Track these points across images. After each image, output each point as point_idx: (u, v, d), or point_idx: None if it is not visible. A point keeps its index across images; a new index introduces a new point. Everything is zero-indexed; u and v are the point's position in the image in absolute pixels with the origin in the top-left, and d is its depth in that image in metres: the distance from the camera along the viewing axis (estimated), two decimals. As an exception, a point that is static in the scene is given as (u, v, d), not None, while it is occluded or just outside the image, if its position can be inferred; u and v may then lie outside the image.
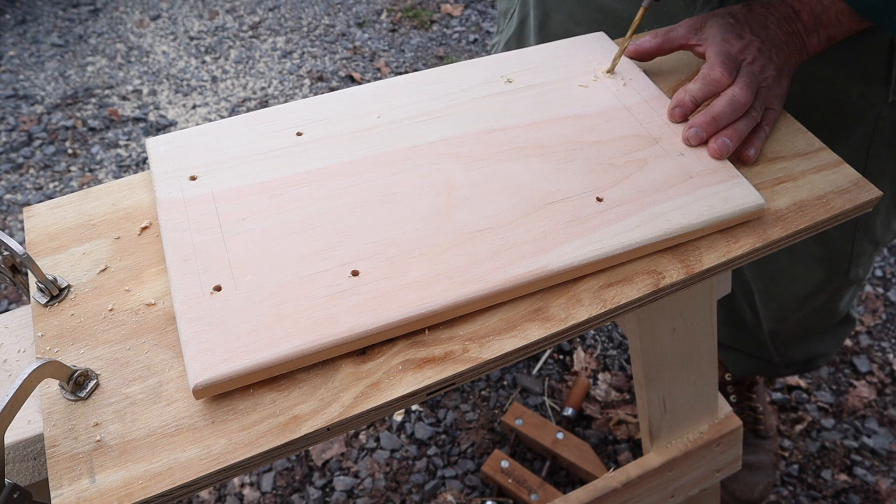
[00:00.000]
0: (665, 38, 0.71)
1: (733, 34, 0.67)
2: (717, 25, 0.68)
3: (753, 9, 0.69)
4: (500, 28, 1.12)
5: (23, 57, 2.36)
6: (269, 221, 0.57)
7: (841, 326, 1.14)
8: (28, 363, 0.49)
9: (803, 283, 0.99)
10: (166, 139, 0.64)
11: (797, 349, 1.14)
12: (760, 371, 1.23)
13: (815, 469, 1.35)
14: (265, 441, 0.47)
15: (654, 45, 0.71)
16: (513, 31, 1.05)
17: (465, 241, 0.56)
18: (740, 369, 1.25)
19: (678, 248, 0.59)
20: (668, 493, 0.93)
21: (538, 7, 0.96)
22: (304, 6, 2.64)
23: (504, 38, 1.09)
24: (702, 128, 0.64)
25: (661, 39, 0.71)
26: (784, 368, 1.19)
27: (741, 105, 0.64)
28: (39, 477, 0.53)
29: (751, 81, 0.65)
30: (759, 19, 0.68)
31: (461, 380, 0.52)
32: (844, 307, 1.07)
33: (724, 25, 0.68)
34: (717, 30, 0.68)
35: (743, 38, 0.67)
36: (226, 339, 0.49)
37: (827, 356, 1.18)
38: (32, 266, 0.52)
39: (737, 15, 0.69)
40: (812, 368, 1.20)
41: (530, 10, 0.99)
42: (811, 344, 1.15)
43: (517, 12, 1.04)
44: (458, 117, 0.67)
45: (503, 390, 1.46)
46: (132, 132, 2.09)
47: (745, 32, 0.67)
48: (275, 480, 1.32)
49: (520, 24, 1.04)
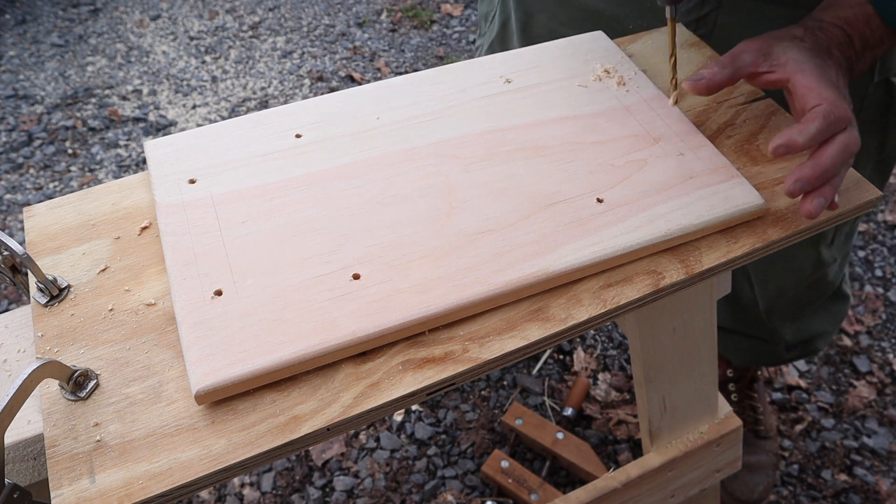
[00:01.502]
0: (734, 68, 0.62)
1: (820, 60, 0.60)
2: (795, 49, 0.61)
3: (815, 34, 0.63)
4: (483, 31, 1.12)
5: (23, 57, 2.36)
6: (269, 225, 0.57)
7: (834, 302, 1.14)
8: (28, 363, 0.49)
9: (800, 263, 1.00)
10: (165, 142, 0.64)
11: (794, 329, 1.14)
12: (762, 358, 1.22)
13: (815, 469, 1.35)
14: (265, 441, 0.47)
15: (724, 77, 0.62)
16: (495, 34, 1.05)
17: (465, 243, 0.56)
18: (741, 357, 1.24)
19: (678, 249, 0.59)
20: (668, 493, 0.93)
21: (519, 9, 0.96)
22: (304, 6, 2.64)
23: (487, 41, 1.09)
24: (809, 182, 0.55)
25: (731, 70, 0.62)
26: (785, 353, 1.18)
27: (852, 154, 0.57)
28: (39, 477, 0.53)
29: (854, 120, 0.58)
30: (824, 45, 0.63)
31: (461, 380, 0.52)
32: (834, 276, 1.06)
33: (803, 50, 0.60)
34: (799, 55, 0.60)
35: (829, 65, 0.60)
36: (227, 344, 0.49)
37: (826, 336, 1.18)
38: (32, 266, 0.52)
39: (805, 38, 0.63)
40: (812, 351, 1.20)
41: (511, 12, 0.98)
42: (808, 322, 1.14)
43: (498, 14, 1.04)
44: (457, 118, 0.67)
45: (503, 390, 1.46)
46: (132, 132, 2.09)
47: (825, 59, 0.61)
48: (275, 480, 1.32)
49: (502, 27, 1.03)
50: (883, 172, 0.93)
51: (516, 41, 1.00)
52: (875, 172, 0.92)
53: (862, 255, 1.74)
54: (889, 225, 1.81)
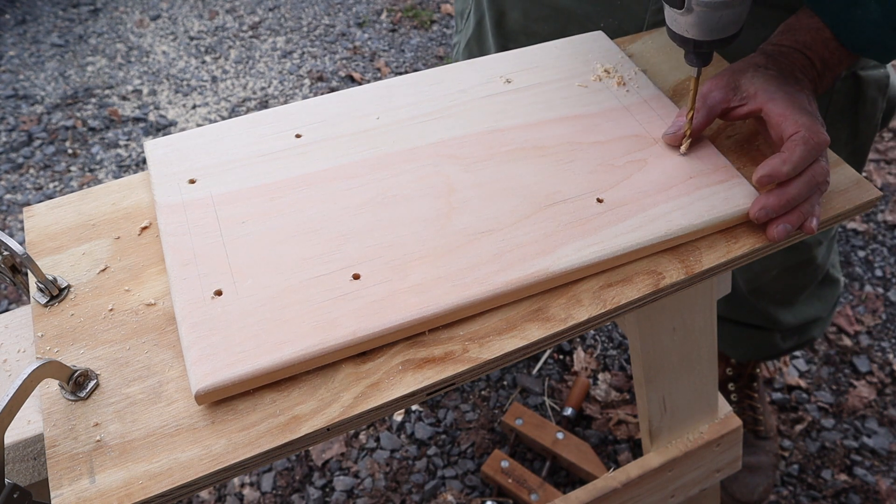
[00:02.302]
0: (707, 108, 0.63)
1: (789, 87, 0.61)
2: (761, 78, 0.62)
3: (777, 59, 0.65)
4: (459, 28, 1.13)
5: (23, 57, 2.36)
6: (269, 225, 0.57)
7: (825, 287, 1.15)
8: (28, 363, 0.49)
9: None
10: (164, 142, 0.64)
11: (787, 313, 1.14)
12: (759, 349, 1.22)
13: (815, 469, 1.35)
14: (265, 441, 0.47)
15: (700, 121, 0.63)
16: (471, 32, 1.06)
17: (465, 243, 0.56)
18: (739, 351, 1.25)
19: (678, 249, 0.59)
20: (668, 493, 0.93)
21: (492, 7, 0.97)
22: (304, 6, 2.64)
23: (464, 39, 1.10)
24: (773, 210, 0.58)
25: (704, 112, 0.63)
26: (781, 342, 1.18)
27: (819, 184, 0.59)
28: (39, 477, 0.53)
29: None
30: (788, 69, 0.64)
31: (461, 380, 0.52)
32: (822, 260, 1.07)
33: (770, 78, 0.62)
34: (766, 83, 0.61)
35: (801, 92, 0.61)
36: (227, 345, 0.49)
37: (820, 323, 1.18)
38: (32, 266, 0.52)
39: (768, 66, 0.64)
40: (809, 340, 1.20)
41: (485, 10, 0.99)
42: (800, 308, 1.15)
43: (473, 12, 1.05)
44: (457, 118, 0.67)
45: (503, 390, 1.46)
46: (132, 132, 2.09)
47: (792, 84, 0.62)
48: (275, 480, 1.32)
49: (477, 25, 1.04)
50: (857, 161, 0.96)
51: (491, 39, 1.00)
52: (849, 161, 0.94)
53: (862, 255, 1.74)
54: (889, 225, 1.81)
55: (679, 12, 0.56)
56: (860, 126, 0.91)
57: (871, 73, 0.86)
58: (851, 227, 1.81)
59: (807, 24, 0.67)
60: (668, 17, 0.59)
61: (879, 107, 0.90)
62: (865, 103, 0.88)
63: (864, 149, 0.95)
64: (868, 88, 0.86)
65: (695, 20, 0.56)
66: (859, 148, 0.94)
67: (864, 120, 0.90)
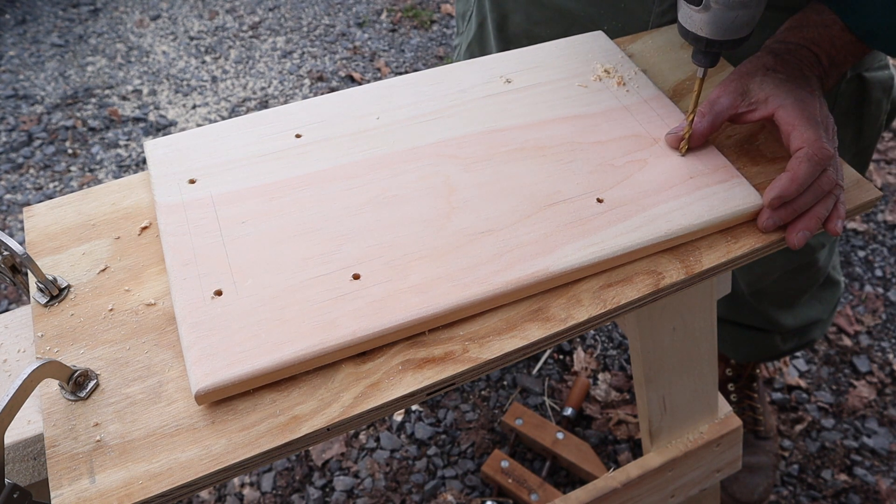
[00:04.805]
0: (713, 115, 0.63)
1: (801, 92, 0.61)
2: (770, 83, 0.62)
3: (785, 58, 0.65)
4: (460, 30, 1.12)
5: (23, 57, 2.36)
6: (269, 225, 0.57)
7: (826, 289, 1.15)
8: (28, 363, 0.49)
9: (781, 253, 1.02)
10: (164, 142, 0.64)
11: (788, 315, 1.14)
12: (759, 351, 1.22)
13: (815, 469, 1.35)
14: (265, 441, 0.47)
15: (705, 126, 0.63)
16: (473, 35, 1.06)
17: (465, 243, 0.56)
18: (740, 352, 1.25)
19: (678, 249, 0.59)
20: (668, 493, 0.93)
21: (494, 10, 0.97)
22: (304, 6, 2.64)
23: (465, 42, 1.09)
24: (782, 220, 0.59)
25: (710, 118, 0.63)
26: (781, 344, 1.19)
27: (825, 192, 0.59)
28: (39, 477, 0.53)
29: (836, 151, 0.60)
30: (797, 69, 0.64)
31: (461, 380, 0.52)
32: (824, 262, 1.07)
33: (780, 83, 0.62)
34: (776, 89, 0.61)
35: (811, 95, 0.62)
36: (227, 345, 0.49)
37: (821, 325, 1.18)
38: (32, 266, 0.52)
39: (777, 67, 0.63)
40: (809, 341, 1.20)
41: (487, 12, 0.99)
42: (801, 310, 1.15)
43: (475, 15, 1.04)
44: (457, 118, 0.67)
45: (503, 390, 1.46)
46: (132, 132, 2.09)
47: (803, 86, 0.62)
48: (275, 480, 1.32)
49: (479, 27, 1.04)
50: (862, 162, 0.96)
51: (493, 41, 1.00)
52: (853, 162, 0.95)
53: (862, 255, 1.74)
54: (889, 225, 1.81)
55: (696, 9, 0.56)
56: (865, 127, 0.91)
57: (875, 75, 0.86)
58: (851, 227, 1.81)
59: (814, 20, 0.67)
60: (682, 15, 0.58)
61: (884, 108, 0.90)
62: (870, 105, 0.88)
63: (868, 150, 0.95)
64: (873, 90, 0.87)
65: (710, 18, 0.56)
66: (863, 149, 0.94)
67: (869, 121, 0.90)
